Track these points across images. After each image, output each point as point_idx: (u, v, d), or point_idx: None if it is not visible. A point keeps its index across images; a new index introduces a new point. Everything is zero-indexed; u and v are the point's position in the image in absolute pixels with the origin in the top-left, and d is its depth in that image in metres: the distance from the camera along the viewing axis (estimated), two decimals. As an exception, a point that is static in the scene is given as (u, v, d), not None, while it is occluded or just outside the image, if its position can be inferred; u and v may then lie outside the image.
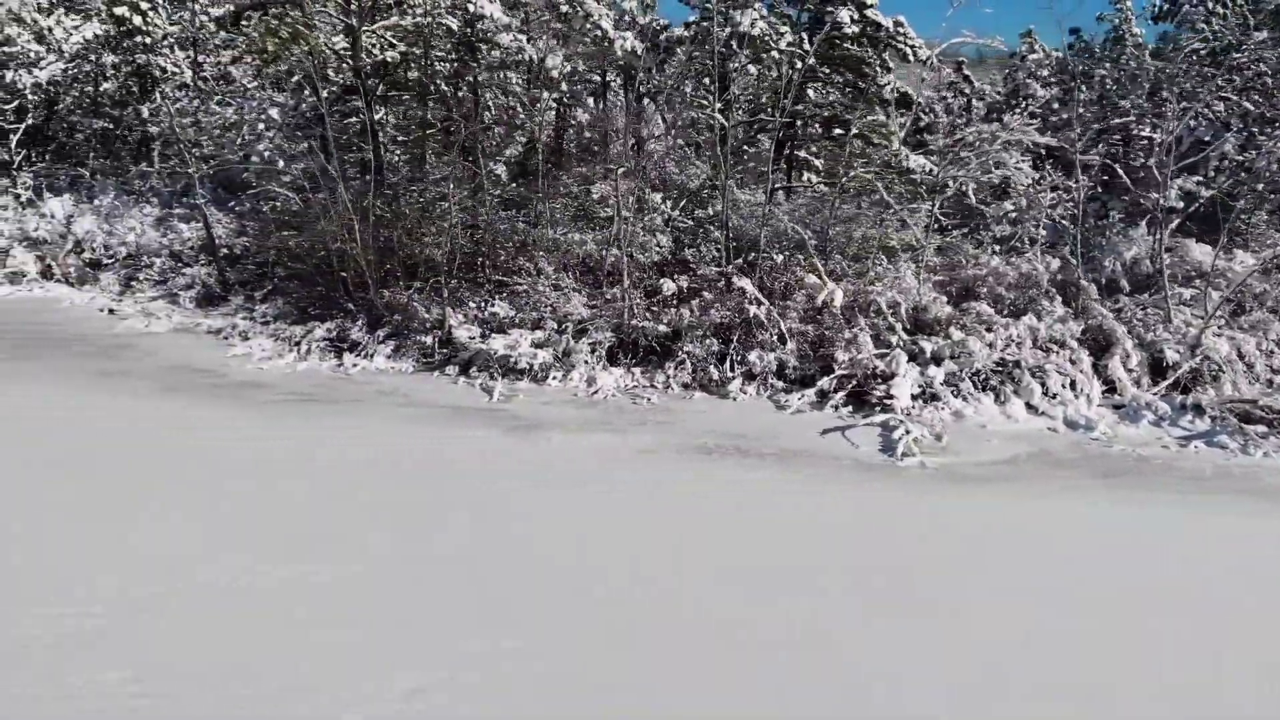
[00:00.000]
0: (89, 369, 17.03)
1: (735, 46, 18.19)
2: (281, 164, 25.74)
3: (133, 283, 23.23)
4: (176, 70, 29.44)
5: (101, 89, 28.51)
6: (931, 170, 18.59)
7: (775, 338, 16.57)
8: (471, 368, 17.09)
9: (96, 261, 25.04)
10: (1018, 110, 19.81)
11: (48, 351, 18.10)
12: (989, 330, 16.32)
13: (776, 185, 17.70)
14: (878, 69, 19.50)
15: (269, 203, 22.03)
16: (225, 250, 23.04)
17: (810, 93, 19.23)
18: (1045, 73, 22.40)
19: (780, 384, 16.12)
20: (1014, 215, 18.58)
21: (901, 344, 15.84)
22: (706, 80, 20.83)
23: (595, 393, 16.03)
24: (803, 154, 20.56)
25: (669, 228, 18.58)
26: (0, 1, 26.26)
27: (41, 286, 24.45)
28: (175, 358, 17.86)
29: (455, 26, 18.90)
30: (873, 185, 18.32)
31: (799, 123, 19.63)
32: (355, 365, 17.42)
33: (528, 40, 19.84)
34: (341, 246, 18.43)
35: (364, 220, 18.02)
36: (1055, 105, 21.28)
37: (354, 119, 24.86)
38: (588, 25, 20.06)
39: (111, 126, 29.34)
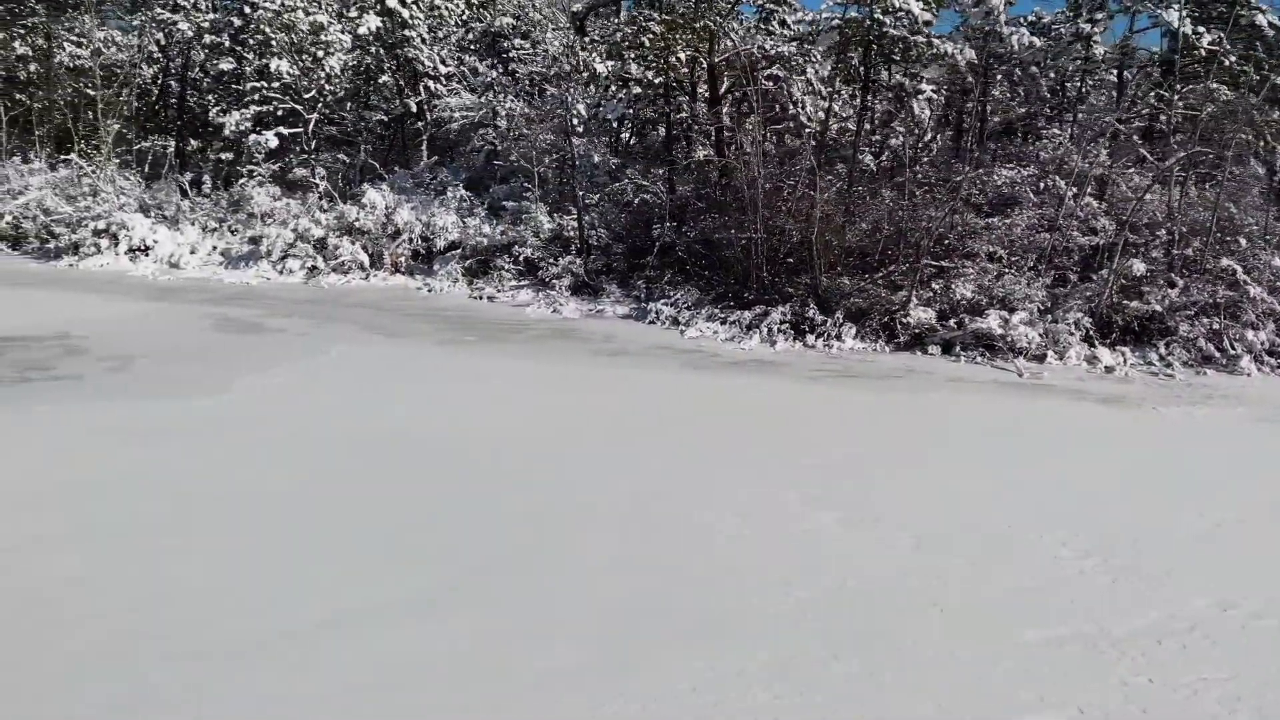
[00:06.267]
0: (577, 349, 17.13)
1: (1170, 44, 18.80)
2: (591, 161, 26.10)
3: (487, 271, 23.34)
4: (431, 64, 29.56)
5: (380, 81, 28.57)
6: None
7: (1257, 317, 17.07)
8: (954, 347, 17.41)
9: (416, 252, 25.11)
10: None
11: (502, 335, 18.15)
12: None
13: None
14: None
15: (638, 196, 22.21)
16: (582, 242, 23.13)
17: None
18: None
19: (1273, 360, 16.67)
20: None
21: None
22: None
23: (1110, 370, 16.41)
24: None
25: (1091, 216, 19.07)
26: None
27: (375, 275, 24.48)
28: (639, 340, 17.97)
29: (886, 22, 19.25)
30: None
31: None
32: (829, 346, 17.68)
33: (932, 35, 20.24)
34: (759, 235, 18.64)
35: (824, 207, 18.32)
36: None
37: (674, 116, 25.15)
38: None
39: (385, 118, 29.39)
